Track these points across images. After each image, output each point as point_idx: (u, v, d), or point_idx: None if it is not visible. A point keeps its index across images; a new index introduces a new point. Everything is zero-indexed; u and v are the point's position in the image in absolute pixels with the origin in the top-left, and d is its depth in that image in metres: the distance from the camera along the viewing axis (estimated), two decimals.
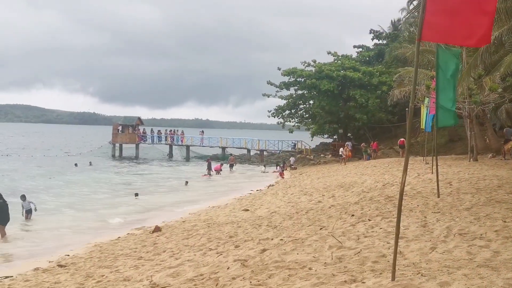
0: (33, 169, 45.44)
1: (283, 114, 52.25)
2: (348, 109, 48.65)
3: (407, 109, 33.98)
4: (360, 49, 59.43)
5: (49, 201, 26.30)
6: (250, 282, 7.31)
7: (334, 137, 56.59)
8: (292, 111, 52.66)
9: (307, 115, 53.30)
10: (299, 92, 51.55)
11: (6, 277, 12.04)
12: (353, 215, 12.68)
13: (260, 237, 11.78)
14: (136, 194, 28.29)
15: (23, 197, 21.25)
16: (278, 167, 42.57)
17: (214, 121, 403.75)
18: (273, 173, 41.10)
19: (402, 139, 40.19)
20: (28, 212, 20.95)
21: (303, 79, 49.68)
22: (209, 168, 42.35)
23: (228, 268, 8.51)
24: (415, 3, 49.91)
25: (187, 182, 34.73)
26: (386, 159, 38.38)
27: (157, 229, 17.04)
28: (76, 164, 48.41)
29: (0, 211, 18.04)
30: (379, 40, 58.92)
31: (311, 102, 52.20)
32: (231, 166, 46.57)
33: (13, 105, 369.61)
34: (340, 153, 42.78)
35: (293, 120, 53.03)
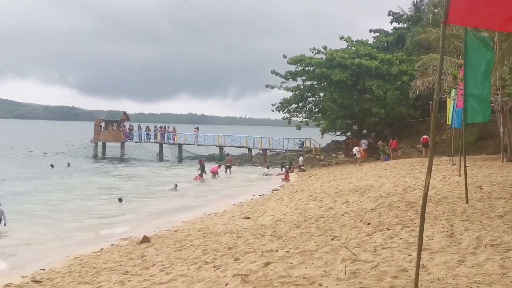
0: (2, 170, 45.49)
1: (289, 108, 52.17)
2: (363, 102, 48.60)
3: (431, 102, 33.95)
4: (377, 34, 59.38)
5: (20, 208, 26.32)
6: None
7: (348, 134, 56.57)
8: (300, 104, 52.61)
9: (316, 109, 53.32)
10: (308, 83, 51.50)
11: None
12: (369, 224, 12.70)
13: (263, 248, 11.80)
14: (120, 200, 28.37)
15: None
16: (283, 168, 42.57)
17: (211, 116, 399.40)
18: (277, 176, 41.16)
19: (425, 136, 40.18)
20: None
21: (312, 68, 49.57)
22: (202, 170, 42.51)
23: (226, 284, 8.53)
24: None
25: (176, 186, 34.58)
26: (407, 159, 38.37)
27: (146, 239, 17.05)
28: (52, 166, 48.53)
29: None
30: (399, 24, 58.84)
31: (321, 94, 52.19)
32: (228, 167, 46.69)
33: None
34: (354, 152, 42.73)
35: (301, 115, 53.00)
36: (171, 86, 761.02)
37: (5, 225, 20.84)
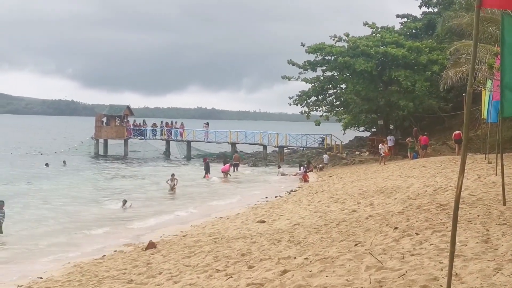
0: None
1: (308, 101, 52.10)
2: (389, 94, 48.43)
3: (464, 94, 33.79)
4: (405, 19, 59.18)
5: (14, 211, 26.56)
6: None
7: (372, 129, 56.44)
8: (320, 97, 52.54)
9: (338, 103, 53.30)
10: (328, 73, 51.48)
11: None
12: (396, 228, 12.65)
13: (279, 255, 11.81)
14: (125, 202, 28.49)
15: (1, 204, 21.41)
16: (301, 168, 42.59)
17: (222, 111, 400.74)
18: (295, 176, 41.15)
19: (458, 131, 39.94)
20: None
21: (332, 58, 49.54)
22: (207, 169, 42.99)
23: None
24: None
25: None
26: (438, 157, 38.19)
27: (152, 245, 17.12)
28: (47, 164, 48.96)
29: None
30: (428, 8, 58.63)
31: (343, 86, 52.12)
32: (235, 166, 47.23)
33: None
34: (379, 150, 42.53)
35: (321, 109, 52.89)
36: (179, 77, 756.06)
37: (1, 232, 20.98)
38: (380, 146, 42.77)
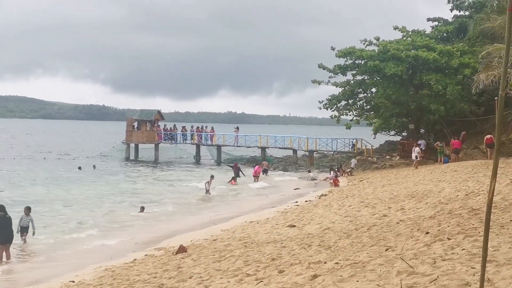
0: (28, 173, 46.77)
1: (338, 105, 51.80)
2: (420, 98, 48.03)
3: (496, 98, 33.43)
4: (436, 23, 58.64)
5: (45, 214, 27.04)
6: None
7: (403, 133, 56.03)
8: (350, 101, 52.26)
9: (368, 107, 52.94)
10: (358, 77, 51.17)
11: None
12: (427, 233, 12.55)
13: (310, 260, 11.79)
14: (142, 208, 29.17)
15: (27, 210, 21.38)
16: (332, 172, 42.40)
17: (252, 115, 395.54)
18: (325, 180, 41.04)
19: (489, 135, 39.50)
20: (24, 231, 21.05)
21: (363, 62, 49.32)
22: (237, 174, 43.49)
23: None
24: None
25: (207, 191, 36.05)
26: (470, 161, 37.77)
27: (182, 249, 17.16)
28: (80, 168, 50.05)
29: (0, 227, 18.36)
30: (459, 11, 57.98)
31: (374, 90, 51.92)
32: (265, 171, 47.84)
33: (5, 97, 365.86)
34: (415, 154, 41.77)
35: (351, 113, 52.53)
36: (209, 81, 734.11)
37: (33, 234, 21.10)
38: (416, 150, 42.12)
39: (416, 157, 41.58)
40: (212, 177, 36.32)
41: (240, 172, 44.03)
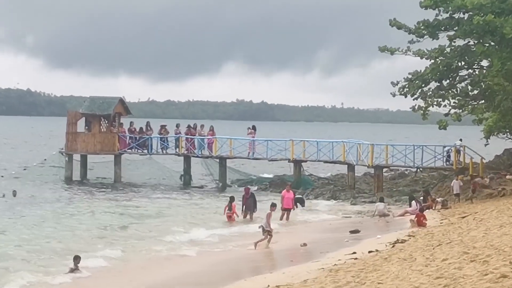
0: None
1: (425, 89, 37.91)
2: None
3: None
4: None
5: None
6: None
7: None
8: (444, 83, 38.14)
9: (475, 92, 38.69)
10: (459, 42, 37.41)
11: None
12: None
13: None
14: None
15: None
16: (414, 203, 31.72)
17: (279, 106, 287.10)
18: (402, 217, 31.15)
19: None
20: None
21: (466, 15, 36.25)
22: (251, 205, 31.29)
23: None
24: None
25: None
26: None
27: None
28: (3, 195, 36.57)
29: None
30: None
31: (485, 63, 38.14)
32: (300, 201, 34.84)
33: None
34: None
35: (447, 102, 38.27)
36: (208, 51, 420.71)
37: None
38: None
39: None
40: (273, 206, 26.53)
41: (255, 203, 31.92)
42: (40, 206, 34.03)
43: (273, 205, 26.59)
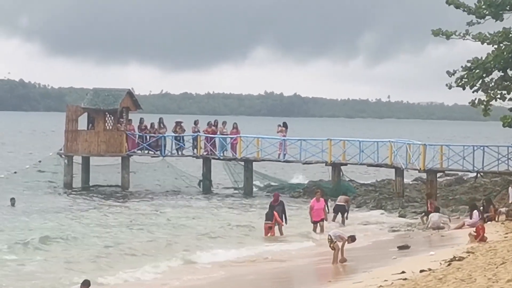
0: None
1: (487, 80, 34.27)
2: None
3: None
4: None
5: None
6: None
7: None
8: (509, 72, 34.24)
9: None
10: None
11: None
12: None
13: None
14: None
15: None
16: (474, 213, 28.05)
17: (315, 99, 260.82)
18: (460, 229, 27.69)
19: None
20: None
21: None
22: (282, 214, 27.34)
23: None
24: None
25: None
26: None
27: None
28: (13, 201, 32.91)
29: None
30: None
31: None
32: (341, 211, 31.00)
33: None
34: None
35: (511, 95, 34.63)
36: (232, 36, 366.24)
37: None
38: None
39: None
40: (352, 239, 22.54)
41: (284, 213, 28.10)
42: (43, 217, 30.41)
43: (353, 239, 21.94)
